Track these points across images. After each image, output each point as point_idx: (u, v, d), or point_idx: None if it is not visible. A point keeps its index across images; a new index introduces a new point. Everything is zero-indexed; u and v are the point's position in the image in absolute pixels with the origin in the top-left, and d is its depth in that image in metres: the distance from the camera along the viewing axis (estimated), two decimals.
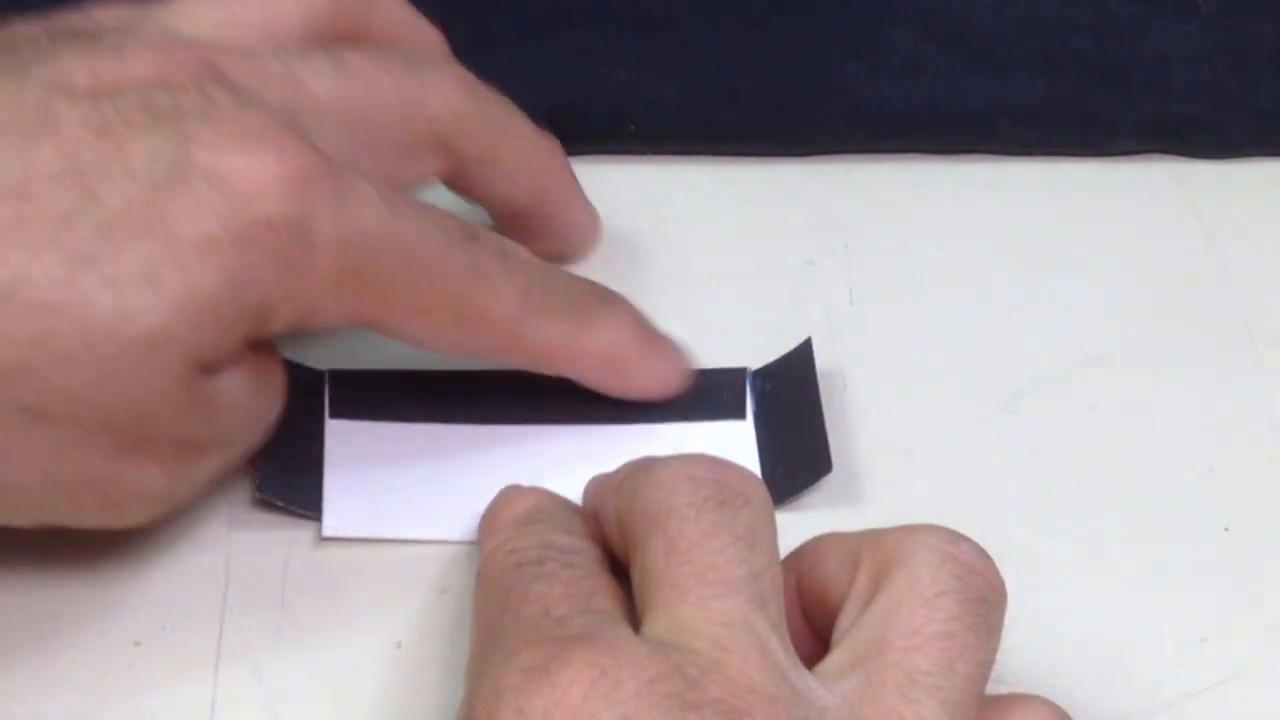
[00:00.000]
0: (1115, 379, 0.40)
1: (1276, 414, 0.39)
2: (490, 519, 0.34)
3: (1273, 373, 0.40)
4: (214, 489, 0.35)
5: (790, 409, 0.38)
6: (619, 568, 0.32)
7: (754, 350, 0.39)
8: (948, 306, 0.41)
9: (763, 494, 0.31)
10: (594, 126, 0.45)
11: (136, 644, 0.34)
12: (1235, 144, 0.45)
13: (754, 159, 0.44)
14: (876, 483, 0.37)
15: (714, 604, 0.29)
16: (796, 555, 0.32)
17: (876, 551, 0.30)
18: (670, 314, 0.40)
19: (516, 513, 0.34)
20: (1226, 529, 0.37)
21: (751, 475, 0.32)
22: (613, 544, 0.32)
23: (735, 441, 0.38)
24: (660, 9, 0.48)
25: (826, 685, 0.29)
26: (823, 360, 0.39)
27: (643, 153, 0.44)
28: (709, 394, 0.38)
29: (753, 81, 0.46)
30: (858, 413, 0.39)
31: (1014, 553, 0.31)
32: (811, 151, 0.45)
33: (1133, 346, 0.41)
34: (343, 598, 0.35)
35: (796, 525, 0.33)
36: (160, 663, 0.33)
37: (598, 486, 0.34)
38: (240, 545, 0.35)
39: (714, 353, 0.39)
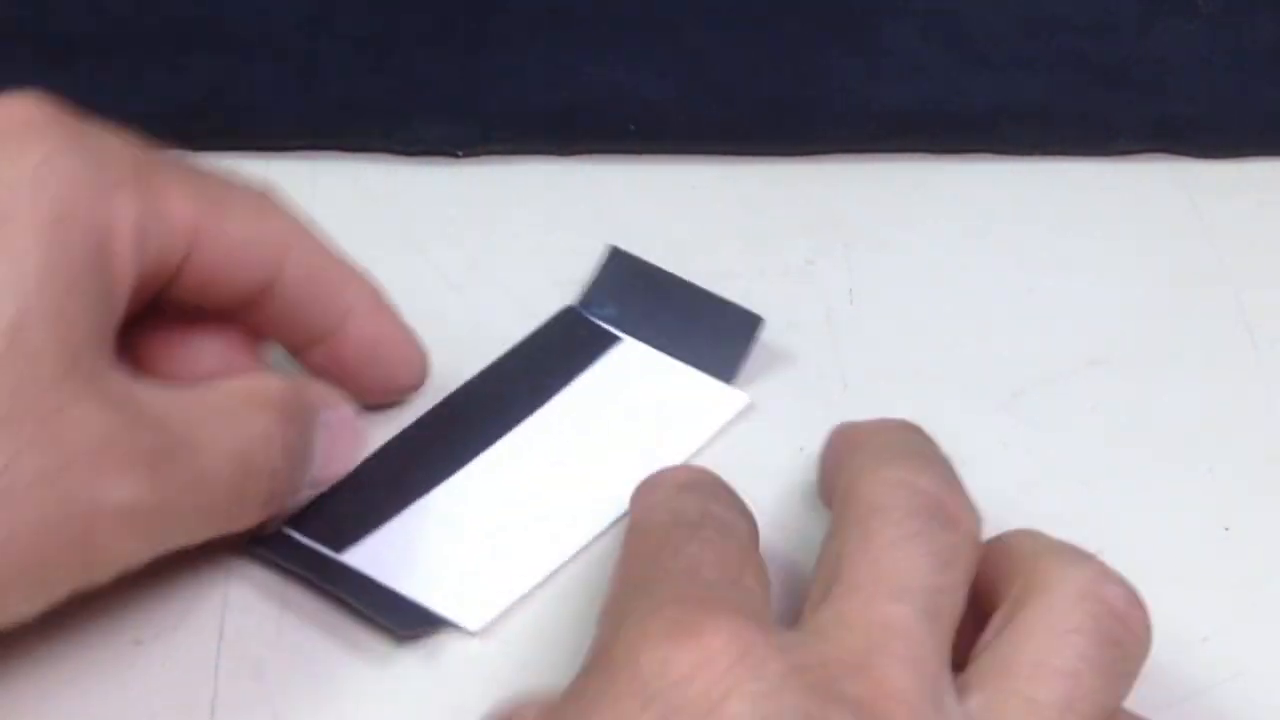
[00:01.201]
0: (1115, 379, 0.40)
1: (1276, 414, 0.39)
2: (651, 481, 0.34)
3: (1273, 372, 0.40)
4: None
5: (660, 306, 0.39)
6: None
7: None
8: (948, 306, 0.41)
9: (975, 529, 0.31)
10: (594, 126, 0.44)
11: (136, 644, 0.34)
12: (1235, 144, 0.45)
13: (754, 159, 0.44)
14: None
15: (881, 604, 0.29)
16: None
17: (1030, 574, 0.30)
18: None
19: (680, 478, 0.34)
20: (1226, 529, 0.37)
21: (972, 507, 0.31)
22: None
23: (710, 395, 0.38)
24: (660, 9, 0.48)
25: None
26: (823, 360, 0.39)
27: (643, 153, 0.44)
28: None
29: (753, 81, 0.46)
30: (858, 413, 0.39)
31: None
32: (811, 151, 0.45)
33: (1133, 346, 0.41)
34: None
35: (797, 521, 0.33)
36: (160, 663, 0.33)
37: (843, 439, 0.35)
38: (240, 545, 0.35)
39: None
